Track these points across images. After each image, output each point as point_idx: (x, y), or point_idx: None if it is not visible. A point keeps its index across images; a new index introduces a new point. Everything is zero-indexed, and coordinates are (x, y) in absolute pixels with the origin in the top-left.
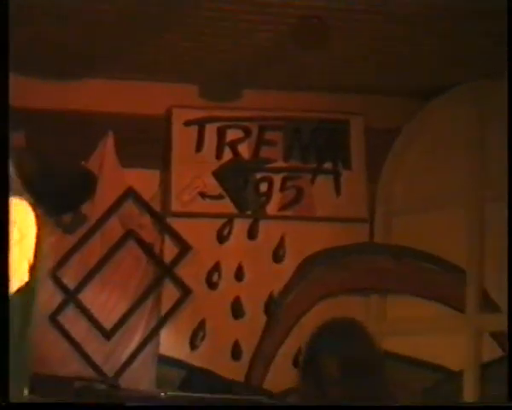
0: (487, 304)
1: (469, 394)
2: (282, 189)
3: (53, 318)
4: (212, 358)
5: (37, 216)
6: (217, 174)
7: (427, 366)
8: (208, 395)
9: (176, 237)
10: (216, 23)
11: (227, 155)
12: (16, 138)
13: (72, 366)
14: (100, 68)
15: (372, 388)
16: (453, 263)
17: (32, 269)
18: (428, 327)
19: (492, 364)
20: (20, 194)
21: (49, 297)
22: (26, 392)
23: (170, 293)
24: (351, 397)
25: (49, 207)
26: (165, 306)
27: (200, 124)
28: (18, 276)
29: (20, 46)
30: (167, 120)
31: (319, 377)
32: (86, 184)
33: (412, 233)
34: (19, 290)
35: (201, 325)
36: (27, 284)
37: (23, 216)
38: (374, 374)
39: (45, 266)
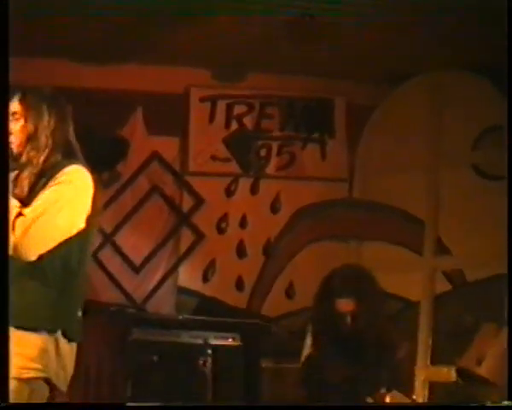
0: (440, 248)
1: (425, 319)
2: (279, 154)
3: (94, 255)
4: (220, 289)
5: (94, 179)
6: (225, 141)
7: (392, 297)
8: (217, 319)
9: (192, 191)
10: (225, 22)
11: (234, 125)
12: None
13: (109, 294)
14: (132, 56)
15: (375, 321)
16: (414, 215)
17: (89, 218)
18: (394, 266)
19: (443, 296)
20: (81, 162)
21: None
22: (80, 314)
23: (187, 237)
24: (359, 331)
25: (90, 166)
26: (183, 247)
27: (213, 100)
28: (76, 224)
29: (72, 36)
30: (186, 97)
31: (332, 313)
32: (120, 148)
33: (383, 191)
34: (78, 235)
35: (212, 263)
36: (86, 230)
37: (84, 179)
38: (377, 309)
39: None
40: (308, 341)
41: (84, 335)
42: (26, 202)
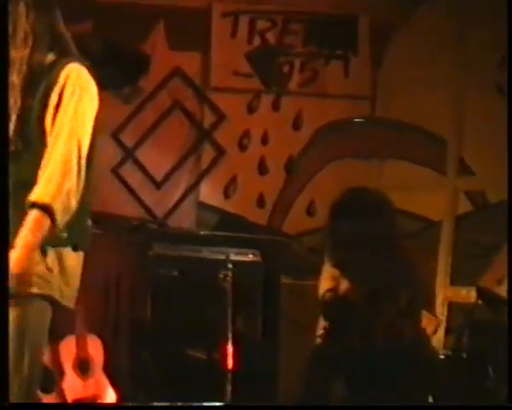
0: (463, 169)
1: (446, 239)
2: (301, 70)
3: (115, 171)
4: (241, 205)
5: (96, 83)
6: (248, 57)
7: (414, 217)
8: (237, 235)
9: (214, 107)
10: None
11: (256, 41)
12: (85, 26)
13: (130, 209)
14: None
15: (391, 240)
16: (437, 134)
17: (95, 130)
18: (415, 186)
19: (464, 216)
20: (79, 61)
21: (111, 154)
22: (89, 222)
23: (208, 153)
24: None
25: (111, 81)
26: (204, 163)
27: (235, 15)
28: (76, 135)
29: None
30: (208, 11)
31: (338, 237)
32: (142, 63)
33: (406, 109)
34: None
35: (233, 180)
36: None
37: (83, 78)
38: (391, 229)
39: (105, 125)
40: (325, 259)
41: (104, 249)
42: (22, 111)
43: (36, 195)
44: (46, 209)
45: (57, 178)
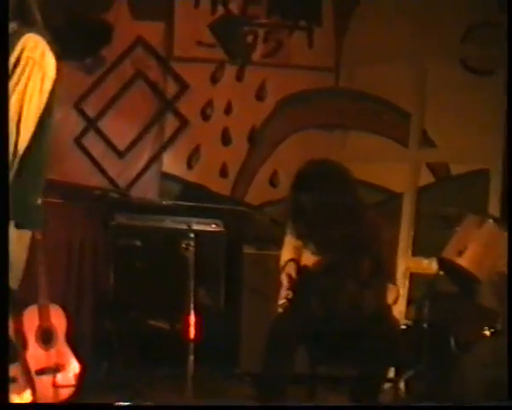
0: (426, 141)
1: (407, 210)
2: (265, 41)
3: (77, 141)
4: (204, 176)
5: (55, 53)
6: (211, 27)
7: (376, 188)
8: (200, 205)
9: (177, 77)
10: None
11: (220, 11)
12: None
13: (93, 179)
14: None
15: (352, 212)
16: (401, 107)
17: (49, 103)
18: (378, 157)
19: (426, 188)
20: (40, 33)
21: (74, 124)
22: (39, 201)
23: (171, 123)
24: (334, 222)
25: (73, 52)
26: (167, 133)
27: None
28: (38, 103)
29: None
30: None
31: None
32: (104, 33)
33: (370, 81)
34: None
35: (196, 150)
36: (47, 108)
37: (39, 50)
38: (351, 201)
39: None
40: (288, 230)
41: (66, 219)
42: None
43: None
44: None
45: None
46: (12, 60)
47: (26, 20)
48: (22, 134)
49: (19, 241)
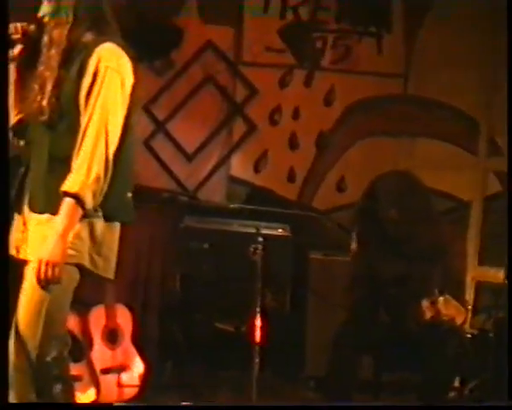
0: (494, 149)
1: (475, 219)
2: (334, 46)
3: (146, 143)
4: (271, 180)
5: (131, 58)
6: (280, 32)
7: (444, 196)
8: (267, 209)
9: (246, 81)
10: None
11: (289, 16)
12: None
13: (161, 182)
14: None
15: (423, 225)
16: (470, 114)
17: (131, 105)
18: (446, 165)
19: (494, 197)
20: (114, 41)
21: (143, 127)
22: (129, 194)
23: (239, 127)
24: (405, 235)
25: (143, 54)
26: (235, 137)
27: None
28: (121, 105)
29: None
30: None
31: (376, 217)
32: (174, 37)
33: (439, 88)
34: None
35: (264, 154)
36: (130, 109)
37: (116, 59)
38: (424, 214)
39: (140, 101)
40: (354, 236)
41: (135, 221)
42: (57, 83)
43: (67, 185)
44: (76, 198)
45: (86, 166)
46: (91, 70)
47: (101, 30)
48: (111, 136)
49: (109, 233)
